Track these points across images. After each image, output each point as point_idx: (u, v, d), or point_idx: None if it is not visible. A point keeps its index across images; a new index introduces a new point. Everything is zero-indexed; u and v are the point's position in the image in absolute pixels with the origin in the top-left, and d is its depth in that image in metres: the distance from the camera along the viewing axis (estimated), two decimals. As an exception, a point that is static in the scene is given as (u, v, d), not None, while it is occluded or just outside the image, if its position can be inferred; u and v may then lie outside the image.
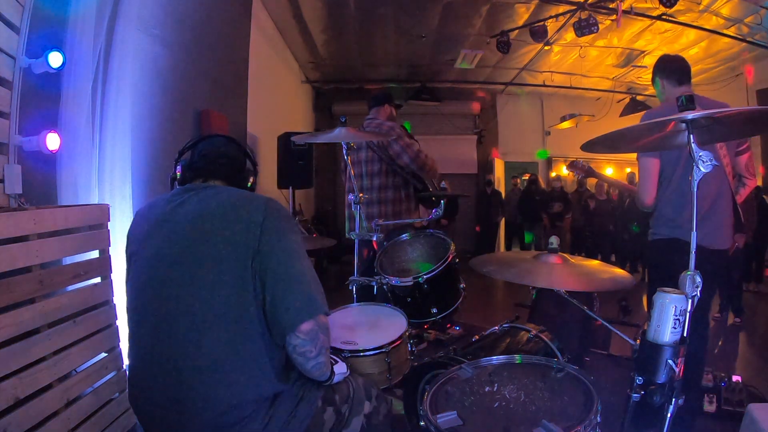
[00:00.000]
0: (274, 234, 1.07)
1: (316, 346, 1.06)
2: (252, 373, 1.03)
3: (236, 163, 1.28)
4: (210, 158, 1.22)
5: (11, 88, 1.67)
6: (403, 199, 2.90)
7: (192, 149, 1.27)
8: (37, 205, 1.70)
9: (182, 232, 1.08)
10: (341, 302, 1.94)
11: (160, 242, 1.10)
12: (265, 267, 1.04)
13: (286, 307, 1.04)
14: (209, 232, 1.06)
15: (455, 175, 8.78)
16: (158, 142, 2.62)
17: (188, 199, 1.13)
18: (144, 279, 1.10)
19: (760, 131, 1.27)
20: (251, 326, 1.04)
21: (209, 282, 1.03)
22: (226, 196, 1.14)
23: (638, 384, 1.11)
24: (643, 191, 1.97)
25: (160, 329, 1.05)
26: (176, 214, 1.11)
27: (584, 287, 1.65)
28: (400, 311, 1.81)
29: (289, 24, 6.11)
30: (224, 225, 1.06)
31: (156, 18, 2.67)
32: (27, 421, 1.39)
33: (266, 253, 1.05)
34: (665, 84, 2.02)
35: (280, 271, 1.05)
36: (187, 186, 1.19)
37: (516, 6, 5.50)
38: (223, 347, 1.01)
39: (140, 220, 1.19)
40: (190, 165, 1.23)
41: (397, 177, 2.85)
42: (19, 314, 1.42)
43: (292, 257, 1.08)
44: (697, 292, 1.09)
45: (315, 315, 1.05)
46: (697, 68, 7.21)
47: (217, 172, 1.22)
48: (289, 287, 1.05)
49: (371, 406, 1.28)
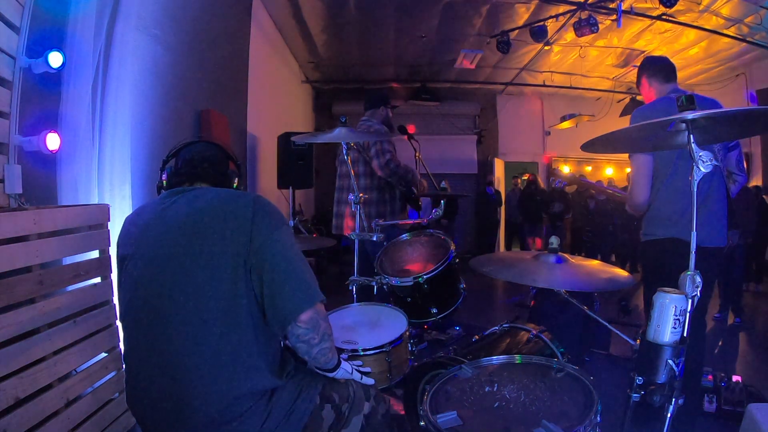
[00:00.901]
0: (265, 228, 1.08)
1: (318, 332, 1.09)
2: (245, 367, 1.05)
3: (220, 166, 1.29)
4: (194, 163, 1.24)
5: (11, 88, 1.67)
6: (387, 201, 2.90)
7: (175, 156, 1.29)
8: (37, 205, 1.70)
9: (172, 232, 1.09)
10: (341, 302, 1.94)
11: (150, 244, 1.11)
12: (260, 261, 1.06)
13: (285, 298, 1.05)
14: (199, 231, 1.07)
15: (455, 175, 8.78)
16: (158, 142, 2.62)
17: (176, 201, 1.15)
18: (136, 281, 1.11)
19: (760, 131, 1.27)
20: (244, 320, 1.05)
21: (201, 279, 1.04)
22: (214, 194, 1.15)
23: (638, 384, 1.11)
24: (638, 191, 1.92)
25: (155, 328, 1.06)
26: (165, 216, 1.13)
27: (584, 287, 1.65)
28: (400, 311, 1.81)
29: (289, 24, 6.11)
30: (214, 223, 1.08)
31: (156, 18, 2.67)
32: (27, 421, 1.39)
33: (260, 248, 1.06)
34: (652, 82, 2.01)
35: (275, 264, 1.07)
36: (174, 189, 1.20)
37: (516, 6, 5.50)
38: (217, 342, 1.03)
39: (129, 225, 1.21)
40: (175, 171, 1.26)
41: (381, 179, 2.86)
42: (19, 314, 1.42)
43: (285, 249, 1.10)
44: (698, 292, 1.09)
45: (313, 303, 1.08)
46: (697, 68, 7.22)
47: (202, 175, 1.24)
48: (286, 279, 1.06)
49: (370, 406, 1.29)
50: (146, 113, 2.55)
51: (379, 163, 2.74)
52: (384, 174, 2.77)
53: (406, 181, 2.85)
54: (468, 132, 9.41)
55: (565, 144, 9.04)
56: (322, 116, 9.11)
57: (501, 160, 9.28)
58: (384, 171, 2.76)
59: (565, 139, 8.85)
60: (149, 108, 2.58)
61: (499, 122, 9.49)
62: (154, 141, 2.59)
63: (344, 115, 2.16)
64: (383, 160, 2.73)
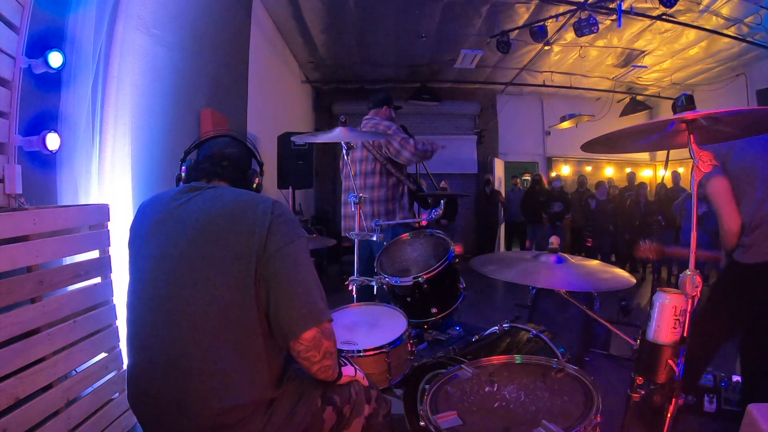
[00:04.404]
0: (279, 239, 1.05)
1: (320, 350, 1.06)
2: (252, 376, 1.03)
3: (241, 164, 1.26)
4: (214, 160, 1.21)
5: (11, 88, 1.67)
6: (397, 199, 2.91)
7: (197, 148, 1.26)
8: (37, 205, 1.70)
9: (185, 232, 1.07)
10: (341, 302, 1.94)
11: (162, 241, 1.09)
12: (270, 272, 1.03)
13: (289, 314, 1.03)
14: (213, 234, 1.05)
15: (455, 175, 8.78)
16: (158, 142, 2.62)
17: (192, 198, 1.12)
18: (145, 278, 1.10)
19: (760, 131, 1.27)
20: (252, 328, 1.03)
21: (212, 284, 1.02)
22: (231, 197, 1.11)
23: (638, 384, 1.11)
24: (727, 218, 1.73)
25: (161, 329, 1.05)
26: (180, 212, 1.10)
27: (584, 287, 1.65)
28: (400, 311, 1.81)
29: (289, 24, 6.11)
30: (228, 227, 1.05)
31: (156, 18, 2.67)
32: (27, 421, 1.40)
33: (271, 258, 1.03)
34: None
35: (284, 278, 1.04)
36: (192, 185, 1.17)
37: (516, 6, 5.50)
38: (224, 348, 1.01)
39: (142, 216, 1.18)
40: (195, 166, 1.23)
41: (390, 177, 2.86)
42: (19, 314, 1.42)
43: (297, 263, 1.06)
44: (697, 292, 1.09)
45: (318, 323, 1.04)
46: (697, 68, 7.22)
47: (221, 174, 1.21)
48: (293, 295, 1.04)
49: (371, 407, 1.28)
50: (146, 113, 2.55)
51: (410, 152, 2.74)
52: (416, 159, 2.79)
53: (432, 152, 2.88)
54: (468, 132, 9.40)
55: (565, 144, 9.05)
56: (322, 116, 9.11)
57: (501, 160, 9.28)
58: (418, 156, 2.77)
59: (565, 139, 8.86)
60: (149, 108, 2.58)
61: (499, 122, 9.49)
62: (154, 141, 2.59)
63: (344, 115, 2.17)
64: (412, 147, 2.74)
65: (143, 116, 2.51)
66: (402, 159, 2.78)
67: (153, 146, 2.57)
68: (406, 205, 2.96)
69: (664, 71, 7.58)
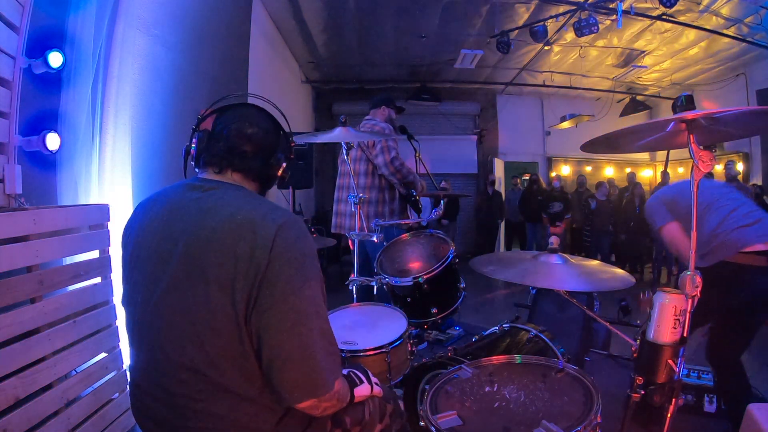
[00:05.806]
0: (279, 289, 0.86)
1: (319, 410, 0.95)
2: (254, 409, 0.92)
3: (263, 150, 1.04)
4: (231, 142, 1.01)
5: (11, 88, 1.67)
6: (387, 201, 2.90)
7: (214, 116, 1.05)
8: (37, 205, 1.70)
9: (175, 258, 0.91)
10: (341, 302, 1.94)
11: (153, 261, 0.95)
12: (264, 326, 0.85)
13: (284, 380, 0.87)
14: (200, 269, 0.88)
15: (455, 175, 8.78)
16: (158, 142, 2.62)
17: (188, 206, 0.96)
18: (141, 299, 0.97)
19: (760, 131, 1.27)
20: (256, 370, 0.90)
21: (206, 325, 0.88)
22: (227, 215, 0.91)
23: (638, 384, 1.11)
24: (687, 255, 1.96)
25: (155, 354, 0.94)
26: (172, 227, 0.95)
27: (584, 287, 1.65)
28: (400, 311, 1.81)
29: (289, 24, 6.10)
30: (217, 261, 0.87)
31: (156, 18, 2.66)
32: (27, 421, 1.40)
33: (266, 310, 0.85)
34: None
35: (279, 339, 0.85)
36: (195, 183, 1.01)
37: (516, 6, 5.50)
38: (224, 383, 0.90)
39: (134, 223, 1.04)
40: (207, 145, 1.03)
41: (383, 179, 2.86)
42: (19, 314, 1.42)
43: (299, 318, 0.87)
44: (697, 292, 1.09)
45: (315, 396, 0.90)
46: (697, 68, 7.22)
47: (236, 163, 1.02)
48: (288, 359, 0.86)
49: (383, 425, 1.18)
50: (146, 113, 2.54)
51: (385, 160, 2.74)
52: (388, 171, 2.77)
53: (407, 183, 2.85)
54: (468, 132, 9.41)
55: (565, 144, 9.04)
56: (322, 116, 9.11)
57: (501, 160, 9.28)
58: (389, 168, 2.76)
59: (565, 139, 8.86)
60: (149, 108, 2.58)
61: (499, 122, 9.49)
62: (154, 141, 2.59)
63: (344, 115, 2.17)
64: (389, 156, 2.74)
65: (143, 116, 2.51)
66: (377, 162, 2.78)
67: (153, 146, 2.57)
68: (397, 209, 2.96)
69: (664, 71, 7.58)
